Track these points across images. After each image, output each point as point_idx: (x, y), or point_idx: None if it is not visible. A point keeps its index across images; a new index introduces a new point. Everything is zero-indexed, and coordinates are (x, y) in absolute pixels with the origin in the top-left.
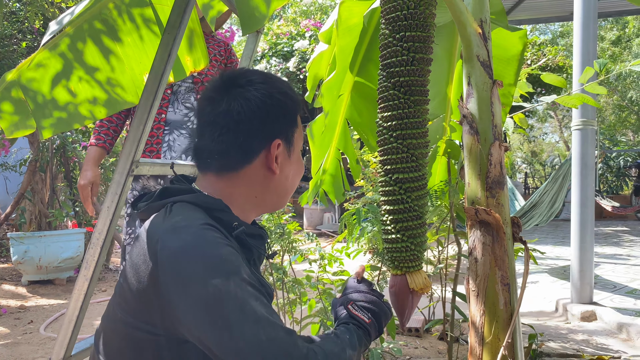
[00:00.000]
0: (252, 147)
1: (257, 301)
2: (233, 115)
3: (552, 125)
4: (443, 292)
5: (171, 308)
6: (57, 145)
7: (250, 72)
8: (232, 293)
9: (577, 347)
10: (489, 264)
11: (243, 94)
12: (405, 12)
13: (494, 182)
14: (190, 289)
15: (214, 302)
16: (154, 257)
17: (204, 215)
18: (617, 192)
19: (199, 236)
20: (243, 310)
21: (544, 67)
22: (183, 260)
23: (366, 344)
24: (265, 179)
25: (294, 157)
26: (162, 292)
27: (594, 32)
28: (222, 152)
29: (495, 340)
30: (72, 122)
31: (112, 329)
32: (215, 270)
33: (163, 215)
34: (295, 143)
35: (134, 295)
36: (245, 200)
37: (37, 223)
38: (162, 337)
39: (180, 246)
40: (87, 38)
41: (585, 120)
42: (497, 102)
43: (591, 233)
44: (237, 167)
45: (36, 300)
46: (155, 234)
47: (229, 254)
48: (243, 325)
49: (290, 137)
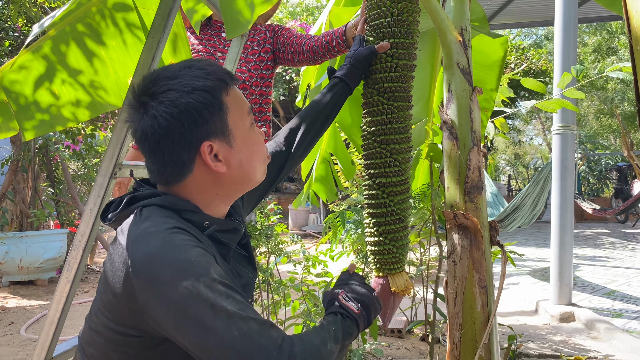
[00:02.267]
0: (182, 159)
1: (228, 299)
2: (149, 136)
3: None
4: (425, 293)
5: (148, 312)
6: (39, 145)
7: (154, 79)
8: (203, 294)
9: (555, 348)
10: (467, 267)
11: (149, 111)
12: (389, 19)
13: (473, 187)
14: (163, 293)
15: (185, 304)
16: (125, 263)
17: (174, 218)
18: (598, 194)
19: (167, 241)
20: (214, 309)
21: (527, 71)
22: (153, 266)
23: (353, 335)
24: (216, 178)
25: (239, 141)
26: (137, 298)
27: (574, 38)
28: (159, 171)
29: (472, 341)
30: (55, 124)
31: (95, 331)
32: (184, 273)
33: (135, 221)
34: (233, 127)
35: (112, 300)
36: (208, 201)
37: (18, 223)
38: (143, 338)
39: (150, 252)
40: (71, 41)
41: (565, 125)
42: (477, 108)
43: (570, 235)
44: (180, 179)
45: (17, 301)
46: (127, 240)
47: (197, 255)
48: (215, 324)
49: (221, 127)
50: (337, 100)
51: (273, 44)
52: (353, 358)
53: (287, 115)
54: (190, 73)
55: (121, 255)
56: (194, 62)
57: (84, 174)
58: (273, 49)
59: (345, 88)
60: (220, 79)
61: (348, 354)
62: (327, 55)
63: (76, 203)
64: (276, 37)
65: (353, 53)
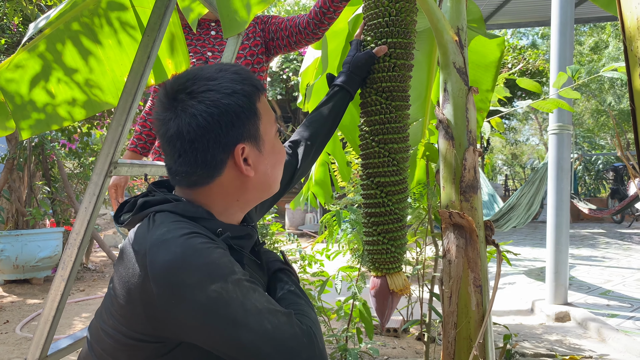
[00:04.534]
0: (216, 160)
1: (255, 293)
2: (184, 135)
3: (532, 128)
4: (421, 292)
5: (169, 318)
6: (35, 144)
7: (192, 79)
8: (232, 293)
9: (550, 347)
10: (462, 266)
11: (187, 110)
12: (387, 19)
13: (468, 187)
14: (190, 297)
15: (218, 306)
16: (143, 270)
17: (188, 223)
18: (594, 194)
19: (187, 246)
20: (245, 307)
21: (524, 72)
22: (177, 272)
23: None
24: (242, 182)
25: (267, 148)
26: (157, 304)
27: (570, 38)
28: (187, 173)
29: (467, 340)
30: (51, 123)
31: (104, 331)
32: (211, 276)
33: (147, 226)
34: (264, 133)
35: (125, 306)
36: (227, 206)
37: (14, 222)
38: (156, 344)
39: (171, 259)
40: (67, 39)
41: (562, 125)
42: (472, 108)
43: (566, 235)
44: (208, 181)
45: (12, 300)
46: (142, 247)
47: (220, 256)
48: (248, 320)
49: (254, 132)
50: (338, 109)
51: (264, 35)
52: (349, 357)
53: (284, 115)
54: (227, 76)
55: (136, 262)
56: (226, 67)
57: (80, 172)
58: (265, 40)
59: (346, 95)
60: (254, 85)
61: (344, 353)
62: (325, 21)
63: (72, 202)
64: (267, 27)
65: (351, 59)
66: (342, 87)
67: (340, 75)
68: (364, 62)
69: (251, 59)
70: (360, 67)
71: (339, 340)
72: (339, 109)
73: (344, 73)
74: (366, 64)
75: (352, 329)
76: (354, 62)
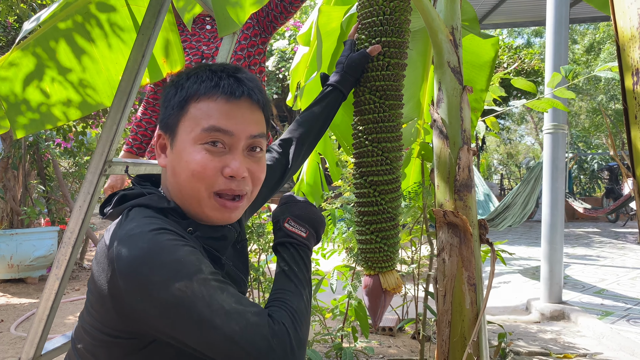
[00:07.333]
0: None
1: (223, 293)
2: None
3: (528, 128)
4: (416, 291)
5: (137, 314)
6: (30, 142)
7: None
8: (198, 293)
9: (545, 346)
10: (456, 265)
11: None
12: (381, 17)
13: (462, 185)
14: (155, 295)
15: (182, 305)
16: (111, 265)
17: (160, 218)
18: (589, 194)
19: (154, 242)
20: (212, 307)
21: (519, 71)
22: (142, 268)
23: (310, 257)
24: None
25: (177, 149)
26: (125, 300)
27: (565, 38)
28: None
29: (461, 339)
30: (45, 123)
31: (83, 328)
32: (176, 274)
33: (119, 222)
34: (180, 133)
35: (99, 300)
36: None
37: (9, 220)
38: (131, 340)
39: (137, 255)
40: (60, 38)
41: (556, 125)
42: (467, 107)
43: (561, 234)
44: None
45: (7, 299)
46: (111, 242)
47: (187, 254)
48: (215, 321)
49: (171, 125)
50: (331, 109)
51: (258, 14)
52: (344, 356)
53: (280, 114)
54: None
55: (106, 256)
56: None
57: (75, 171)
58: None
59: (339, 95)
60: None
61: (339, 352)
62: None
63: (67, 200)
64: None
65: (345, 59)
66: (335, 87)
67: (334, 75)
68: (357, 62)
69: (245, 42)
70: (354, 68)
71: (334, 339)
72: (331, 109)
73: (337, 73)
74: (360, 64)
75: (347, 328)
76: (348, 62)
